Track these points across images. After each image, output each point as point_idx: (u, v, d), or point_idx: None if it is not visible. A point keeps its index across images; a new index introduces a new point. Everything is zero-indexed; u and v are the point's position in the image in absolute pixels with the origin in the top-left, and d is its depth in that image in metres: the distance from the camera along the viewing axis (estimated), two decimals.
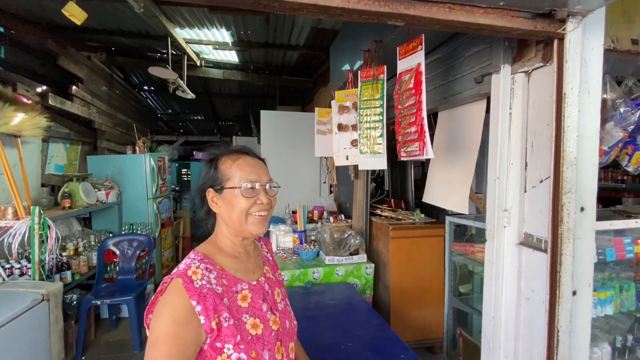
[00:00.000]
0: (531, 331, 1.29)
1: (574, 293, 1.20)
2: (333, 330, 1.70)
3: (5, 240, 2.41)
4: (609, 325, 1.79)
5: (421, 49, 1.42)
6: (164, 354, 0.68)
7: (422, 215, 2.76)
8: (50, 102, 3.22)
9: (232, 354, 0.76)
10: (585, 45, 1.16)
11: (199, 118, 8.18)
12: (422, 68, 1.42)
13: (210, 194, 0.89)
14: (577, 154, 1.14)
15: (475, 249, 2.12)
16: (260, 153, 0.96)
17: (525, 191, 1.35)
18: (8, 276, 2.44)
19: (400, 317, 2.52)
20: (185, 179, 8.60)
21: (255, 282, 0.91)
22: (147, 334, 0.77)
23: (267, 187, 0.90)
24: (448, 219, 2.27)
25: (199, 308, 0.74)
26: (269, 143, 4.28)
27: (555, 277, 1.15)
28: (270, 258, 1.08)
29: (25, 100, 2.90)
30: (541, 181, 1.26)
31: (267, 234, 3.00)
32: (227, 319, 0.78)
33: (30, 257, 2.50)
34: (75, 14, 1.87)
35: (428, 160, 2.60)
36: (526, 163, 1.35)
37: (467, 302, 2.21)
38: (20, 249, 2.51)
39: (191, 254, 0.87)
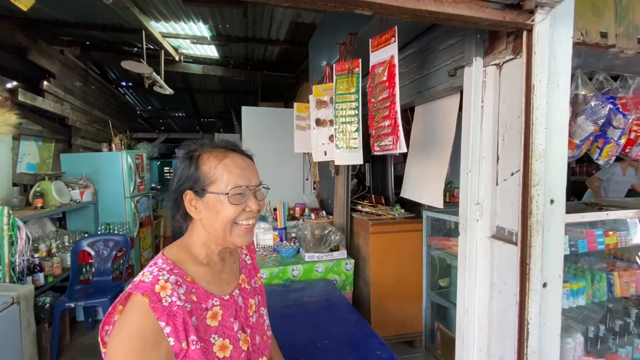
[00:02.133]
0: (503, 323, 1.29)
1: (544, 285, 1.21)
2: (309, 328, 1.68)
3: None
4: (582, 315, 1.83)
5: (394, 41, 1.39)
6: None
7: (402, 211, 2.77)
8: (20, 98, 3.08)
9: None
10: (554, 38, 1.16)
11: (180, 115, 8.01)
12: (396, 60, 1.40)
13: (189, 196, 0.78)
14: (546, 146, 1.14)
15: (452, 242, 2.13)
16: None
17: (497, 184, 1.35)
18: None
19: (381, 312, 2.52)
20: (168, 177, 8.44)
21: (228, 297, 0.82)
22: (102, 351, 0.69)
23: (257, 190, 0.81)
24: (425, 213, 2.27)
25: (168, 329, 0.67)
26: (251, 139, 4.22)
27: (525, 270, 1.15)
28: (250, 262, 0.99)
29: None
30: (512, 174, 1.26)
31: None
32: (194, 342, 0.71)
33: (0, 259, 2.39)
34: (21, 0, 1.76)
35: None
36: (498, 156, 1.34)
37: (445, 296, 2.22)
38: None
39: (159, 260, 0.77)
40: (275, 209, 3.05)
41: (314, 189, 4.20)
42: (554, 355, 1.23)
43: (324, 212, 3.14)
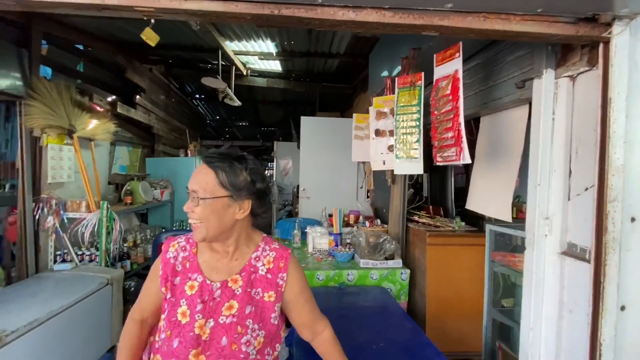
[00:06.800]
0: (573, 345, 1.23)
1: (622, 308, 1.14)
2: (365, 330, 1.74)
3: (79, 229, 2.76)
4: None
5: (459, 56, 1.43)
6: (141, 293, 1.07)
7: (463, 224, 2.70)
8: (118, 110, 3.64)
9: (164, 318, 0.97)
10: (636, 48, 1.11)
11: (244, 124, 8.62)
12: (460, 75, 1.44)
13: None
14: (624, 160, 1.09)
15: (518, 258, 2.03)
16: (300, 158, 1.03)
17: (569, 199, 1.30)
18: (80, 261, 2.80)
19: (436, 326, 2.47)
20: None
21: (209, 282, 0.97)
22: None
23: (193, 196, 0.94)
24: (488, 226, 2.20)
25: (160, 272, 0.99)
26: (308, 148, 4.42)
27: (599, 289, 1.10)
28: (265, 273, 1.01)
29: (98, 108, 3.31)
30: (586, 189, 1.22)
31: (305, 236, 3.07)
32: (168, 292, 0.97)
33: (98, 245, 2.84)
34: (150, 38, 2.13)
35: (472, 168, 2.55)
36: (570, 170, 1.30)
37: (509, 315, 2.12)
38: (90, 238, 2.85)
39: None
40: (330, 215, 3.16)
41: (368, 197, 4.25)
42: None
43: (378, 221, 3.18)
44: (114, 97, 3.87)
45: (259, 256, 1.04)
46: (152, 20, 1.74)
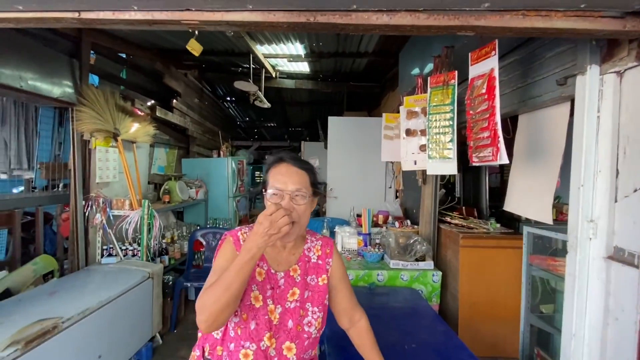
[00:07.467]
0: (620, 354, 1.17)
1: None
2: (397, 330, 1.74)
3: (123, 226, 2.96)
4: None
5: (495, 54, 1.40)
6: (214, 276, 0.97)
7: (498, 225, 2.61)
8: (157, 113, 3.85)
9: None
10: None
11: (272, 125, 8.78)
12: (496, 73, 1.40)
13: (266, 194, 1.07)
14: None
15: (559, 262, 1.95)
16: (327, 158, 1.07)
17: (615, 201, 1.24)
18: (124, 256, 2.99)
19: (469, 330, 2.42)
20: (258, 180, 9.34)
21: (273, 272, 1.05)
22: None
23: (293, 195, 0.98)
24: (526, 229, 2.12)
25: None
26: (335, 147, 4.43)
27: None
28: (315, 261, 1.13)
29: (139, 112, 3.52)
30: (635, 190, 1.15)
31: (333, 235, 3.12)
32: None
33: (140, 241, 3.02)
34: (195, 48, 2.26)
35: (507, 167, 2.46)
36: (617, 170, 1.23)
37: (548, 321, 2.03)
38: (133, 234, 3.04)
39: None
40: (359, 215, 3.17)
41: (397, 197, 4.20)
42: None
43: (408, 222, 3.14)
44: (153, 101, 4.10)
45: (310, 247, 1.15)
46: (196, 32, 1.83)
